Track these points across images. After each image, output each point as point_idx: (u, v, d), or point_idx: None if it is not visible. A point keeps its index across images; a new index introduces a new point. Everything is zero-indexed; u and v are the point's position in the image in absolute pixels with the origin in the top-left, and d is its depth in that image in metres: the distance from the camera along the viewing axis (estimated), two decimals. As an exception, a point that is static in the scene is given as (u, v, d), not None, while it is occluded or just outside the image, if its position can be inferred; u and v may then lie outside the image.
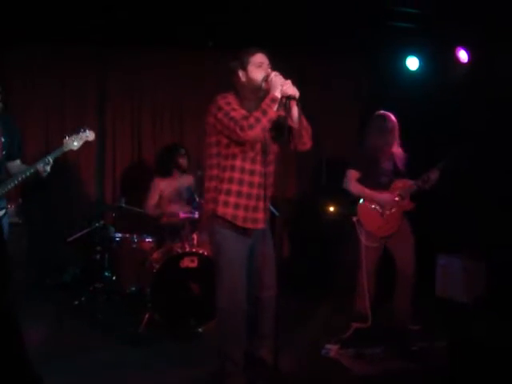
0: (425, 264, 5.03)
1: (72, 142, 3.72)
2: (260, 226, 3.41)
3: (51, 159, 3.63)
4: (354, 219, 4.56)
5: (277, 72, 3.27)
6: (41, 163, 3.60)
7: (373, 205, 4.54)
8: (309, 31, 5.71)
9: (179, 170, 5.64)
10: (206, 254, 4.70)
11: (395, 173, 4.59)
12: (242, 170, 3.31)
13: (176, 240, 5.09)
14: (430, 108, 6.08)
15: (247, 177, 3.32)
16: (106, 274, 5.51)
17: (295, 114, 3.29)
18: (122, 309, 5.18)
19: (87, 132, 3.79)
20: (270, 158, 3.45)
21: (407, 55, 6.29)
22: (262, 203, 3.39)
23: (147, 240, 5.35)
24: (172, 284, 4.63)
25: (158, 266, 4.63)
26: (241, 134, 3.16)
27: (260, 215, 3.38)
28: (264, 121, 3.16)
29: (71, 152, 6.34)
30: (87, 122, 6.36)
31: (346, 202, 4.74)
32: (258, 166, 3.36)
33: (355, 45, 6.20)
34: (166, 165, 5.70)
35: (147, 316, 4.60)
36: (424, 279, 5.09)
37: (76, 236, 5.63)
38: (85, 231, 5.62)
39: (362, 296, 4.57)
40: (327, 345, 4.20)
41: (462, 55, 5.67)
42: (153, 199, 5.62)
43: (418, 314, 4.66)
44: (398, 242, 4.57)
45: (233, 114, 3.21)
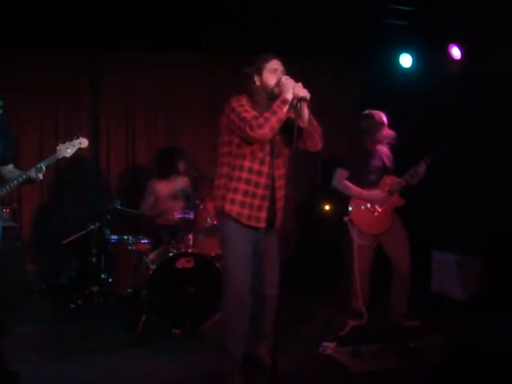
0: (420, 260, 5.04)
1: (65, 149, 3.71)
2: (263, 225, 3.49)
3: (44, 166, 3.62)
4: (346, 219, 4.57)
5: (288, 76, 3.42)
6: (33, 170, 3.59)
7: (363, 203, 4.56)
8: (300, 30, 5.70)
9: (177, 173, 5.66)
10: (202, 255, 4.71)
11: (384, 170, 4.61)
12: (250, 171, 3.44)
13: (172, 241, 5.09)
14: (424, 104, 6.09)
15: (254, 177, 3.44)
16: (103, 276, 5.49)
17: (306, 116, 3.39)
18: (119, 311, 5.17)
19: (80, 139, 3.78)
20: (280, 161, 3.58)
21: (400, 52, 6.30)
22: (267, 203, 3.48)
23: (143, 241, 5.34)
24: (168, 285, 4.62)
25: (154, 268, 4.63)
26: (250, 133, 3.27)
27: (263, 214, 3.48)
28: (273, 120, 3.27)
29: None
30: (81, 124, 6.44)
31: (341, 202, 4.74)
32: (266, 168, 3.47)
33: (348, 43, 6.18)
34: (165, 167, 5.69)
35: (144, 317, 4.60)
36: (419, 275, 5.11)
37: (71, 238, 5.60)
38: (80, 234, 5.59)
39: (356, 294, 4.59)
40: (324, 342, 4.21)
41: (455, 52, 5.69)
42: (148, 200, 5.63)
43: (414, 311, 4.67)
44: (392, 239, 4.59)
45: (244, 115, 3.33)
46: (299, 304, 5.31)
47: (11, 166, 3.80)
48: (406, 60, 6.29)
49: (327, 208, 6.51)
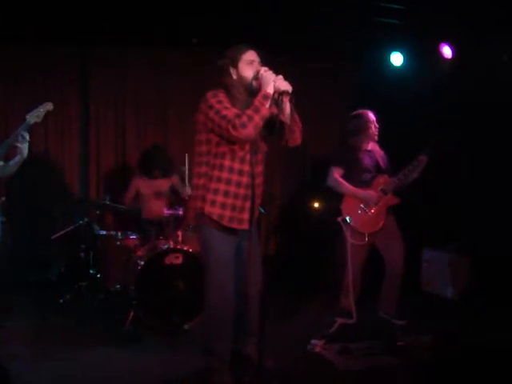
0: (410, 258, 5.04)
1: (35, 116, 3.81)
2: (246, 227, 3.36)
3: (25, 134, 3.71)
4: (339, 219, 4.55)
5: (266, 67, 3.22)
6: (13, 139, 3.67)
7: (356, 202, 4.55)
8: (291, 28, 5.70)
9: (160, 172, 5.67)
10: (191, 251, 4.69)
11: (377, 169, 4.60)
12: (231, 170, 3.27)
13: (160, 237, 5.08)
14: (415, 103, 6.09)
15: (235, 177, 3.27)
16: (91, 272, 5.49)
17: (288, 110, 3.22)
18: (107, 306, 5.14)
19: (44, 104, 3.89)
20: (259, 158, 3.41)
21: (391, 51, 6.30)
22: (249, 203, 3.33)
23: (131, 237, 5.34)
24: (157, 281, 4.61)
25: (143, 263, 4.61)
26: (233, 133, 3.09)
27: (246, 215, 3.34)
28: (257, 119, 3.09)
29: (55, 149, 6.38)
30: (70, 121, 6.42)
31: (331, 199, 4.73)
32: (247, 166, 3.29)
33: (339, 41, 6.18)
34: (147, 166, 5.76)
35: (132, 313, 4.57)
36: (409, 274, 5.10)
37: (60, 233, 5.59)
38: (69, 229, 5.58)
39: (347, 293, 4.57)
40: (312, 340, 4.20)
41: (446, 51, 5.70)
42: (130, 193, 5.75)
43: (404, 309, 4.67)
44: (386, 239, 4.56)
45: (225, 113, 3.15)
46: (287, 302, 5.32)
47: (1, 163, 3.84)
48: (397, 58, 6.30)
49: (316, 206, 6.51)
